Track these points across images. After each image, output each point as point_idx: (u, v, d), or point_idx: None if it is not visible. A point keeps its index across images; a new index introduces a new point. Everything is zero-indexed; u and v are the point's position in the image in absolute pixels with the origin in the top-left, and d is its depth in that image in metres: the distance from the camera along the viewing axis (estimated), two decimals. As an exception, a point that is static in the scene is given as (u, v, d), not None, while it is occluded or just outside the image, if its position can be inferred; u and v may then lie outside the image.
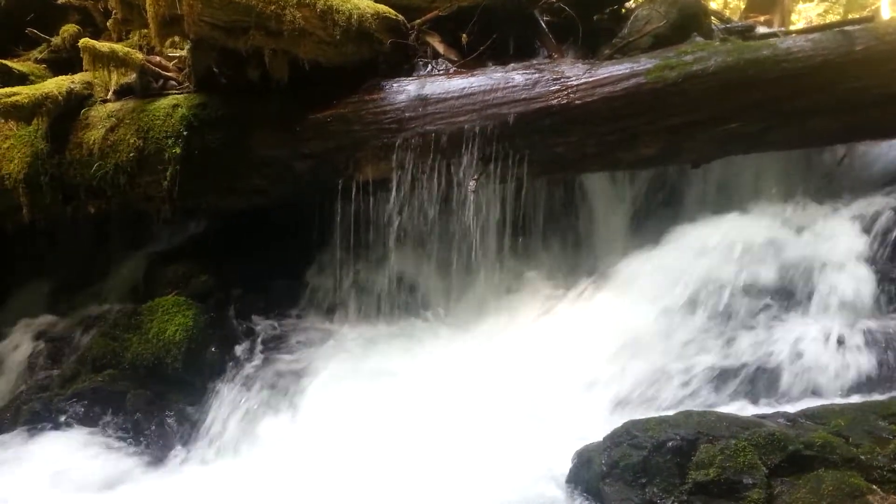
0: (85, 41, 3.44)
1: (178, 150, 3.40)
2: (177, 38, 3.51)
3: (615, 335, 3.08)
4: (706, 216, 3.36)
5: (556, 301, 3.41)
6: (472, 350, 3.32)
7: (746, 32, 3.63)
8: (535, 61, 3.60)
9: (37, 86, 3.57)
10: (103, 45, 3.44)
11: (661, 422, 2.39)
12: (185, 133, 3.41)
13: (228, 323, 3.60)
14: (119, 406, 3.24)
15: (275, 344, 3.57)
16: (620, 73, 3.28)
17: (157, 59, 3.64)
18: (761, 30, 3.76)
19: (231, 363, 3.43)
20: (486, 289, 3.54)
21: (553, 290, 3.47)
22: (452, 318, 3.55)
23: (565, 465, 2.51)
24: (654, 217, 3.66)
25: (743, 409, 2.68)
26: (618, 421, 2.51)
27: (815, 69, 3.20)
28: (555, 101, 3.27)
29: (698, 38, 3.47)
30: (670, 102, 3.23)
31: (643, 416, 2.50)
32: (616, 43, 3.70)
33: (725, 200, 3.42)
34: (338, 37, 3.29)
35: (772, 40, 3.35)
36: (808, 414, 2.47)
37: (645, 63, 3.30)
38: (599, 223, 3.75)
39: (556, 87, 3.29)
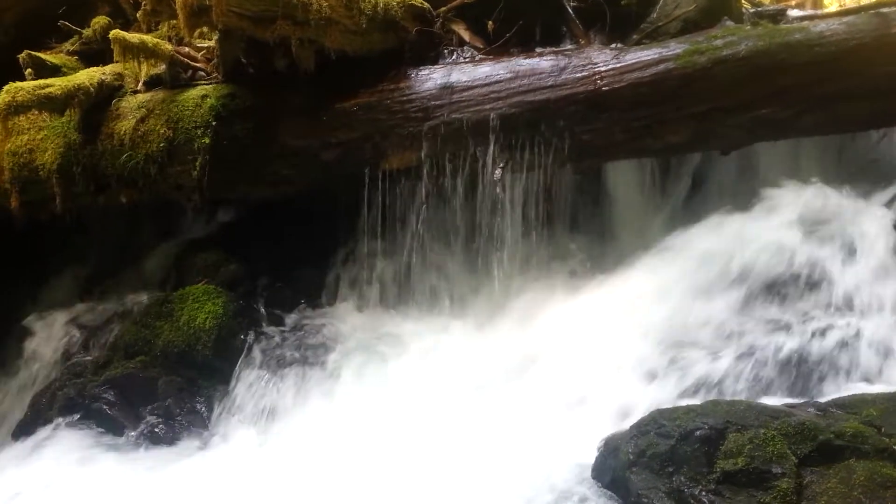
0: (115, 32, 3.48)
1: (207, 141, 3.43)
2: (205, 29, 3.52)
3: (642, 323, 3.05)
4: (736, 204, 3.31)
5: (582, 290, 3.38)
6: (498, 340, 3.32)
7: (778, 16, 3.55)
8: (561, 48, 3.58)
9: (69, 77, 3.62)
10: (133, 37, 3.48)
11: (688, 411, 2.37)
12: (213, 123, 3.44)
13: (257, 311, 3.64)
14: (151, 392, 3.30)
15: (302, 333, 3.60)
16: (649, 58, 3.24)
17: (186, 49, 3.68)
18: (793, 13, 3.68)
19: (259, 351, 3.46)
20: (512, 278, 3.53)
21: (579, 279, 3.46)
22: (478, 308, 3.54)
23: (591, 454, 2.52)
24: (683, 204, 3.62)
25: (773, 398, 2.65)
26: (646, 409, 2.51)
27: (849, 53, 3.13)
28: (582, 88, 3.25)
29: (728, 23, 3.41)
30: (699, 88, 3.19)
31: (672, 405, 2.49)
32: (644, 28, 3.65)
33: (756, 187, 3.36)
34: (364, 25, 3.30)
35: (804, 24, 3.28)
36: (839, 403, 2.43)
37: (674, 48, 3.26)
38: (626, 211, 3.72)
39: (584, 73, 3.26)
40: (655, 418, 2.37)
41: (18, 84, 3.48)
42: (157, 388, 3.31)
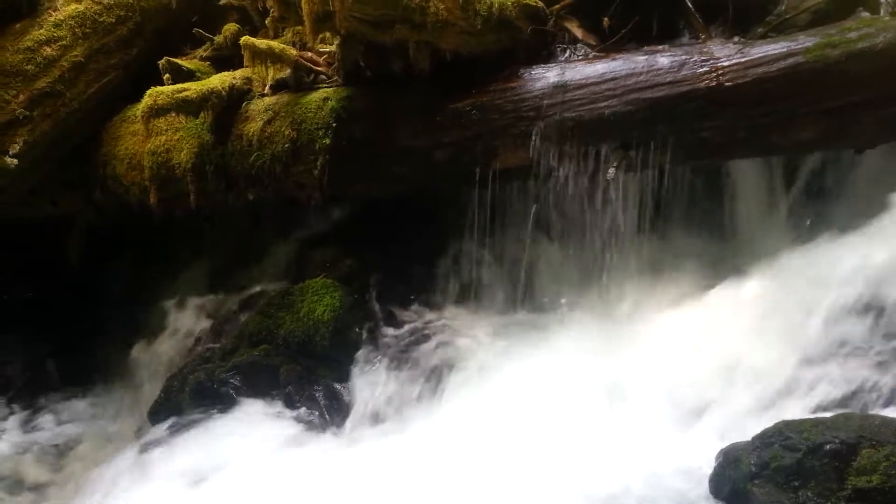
0: (245, 39, 3.68)
1: (327, 141, 3.57)
2: (327, 35, 3.66)
3: (762, 331, 2.93)
4: (868, 209, 3.11)
5: (699, 295, 3.28)
6: (609, 343, 3.27)
7: (921, 5, 3.31)
8: (681, 42, 3.48)
9: (203, 82, 3.86)
10: (262, 43, 3.66)
11: (817, 423, 2.27)
12: (334, 125, 3.57)
13: (370, 306, 3.76)
14: (273, 379, 3.48)
15: (413, 328, 3.68)
16: (776, 52, 3.10)
17: (309, 54, 3.83)
18: (940, 1, 3.41)
19: (373, 344, 3.59)
20: (626, 280, 3.46)
21: (696, 284, 3.34)
22: (589, 312, 3.49)
23: (708, 464, 2.45)
24: (810, 207, 3.43)
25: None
26: (762, 423, 2.41)
27: None
28: (703, 84, 3.14)
29: (864, 14, 3.23)
30: (832, 83, 3.03)
31: (796, 418, 2.38)
32: (770, 21, 3.48)
33: (891, 192, 3.14)
34: (479, 26, 3.33)
35: (951, 13, 3.05)
36: None
37: (804, 41, 3.10)
38: (748, 213, 3.56)
39: (705, 68, 3.16)
40: (781, 430, 2.28)
41: (159, 88, 3.74)
42: (279, 375, 3.48)
